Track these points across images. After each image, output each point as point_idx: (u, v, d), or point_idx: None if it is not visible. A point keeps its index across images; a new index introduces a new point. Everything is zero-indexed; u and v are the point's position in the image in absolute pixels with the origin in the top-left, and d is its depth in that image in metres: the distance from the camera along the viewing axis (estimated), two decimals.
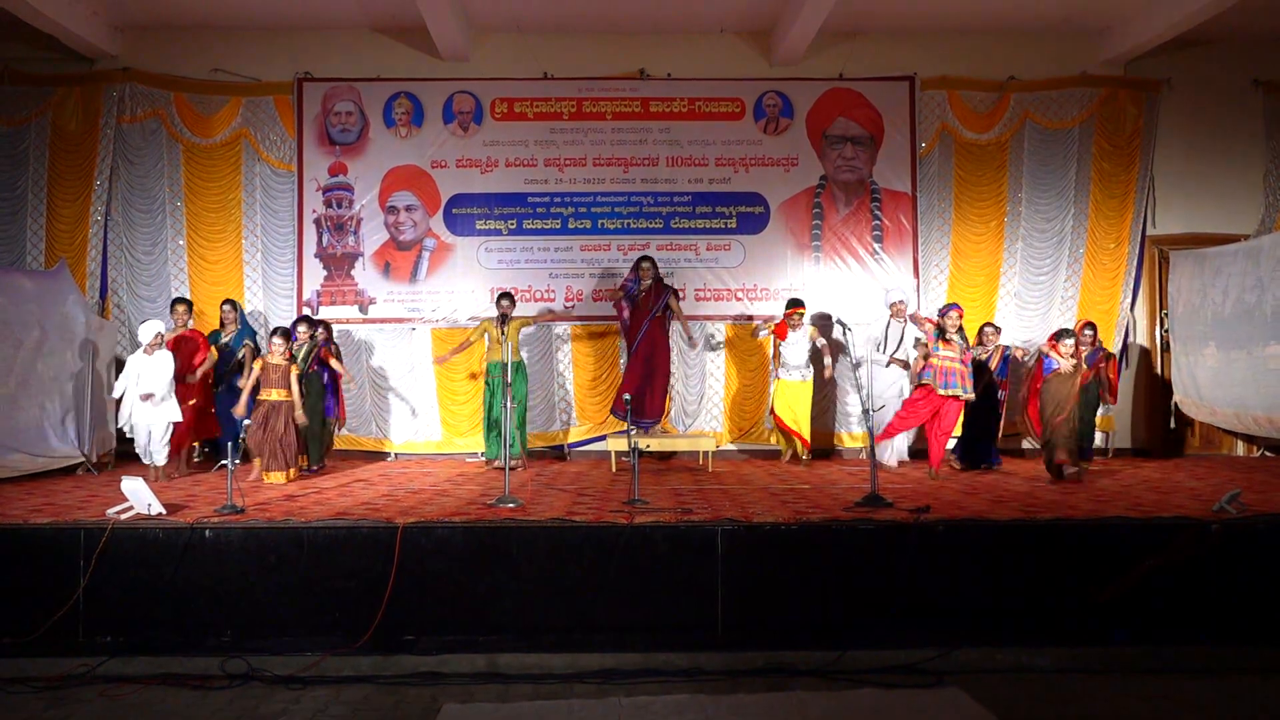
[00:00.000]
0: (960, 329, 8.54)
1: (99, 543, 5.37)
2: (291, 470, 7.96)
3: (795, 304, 9.40)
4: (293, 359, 8.21)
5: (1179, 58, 10.49)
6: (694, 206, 10.55)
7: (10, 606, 5.30)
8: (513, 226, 10.51)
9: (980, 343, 9.04)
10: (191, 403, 8.54)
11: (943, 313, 8.64)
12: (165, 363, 8.02)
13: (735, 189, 10.56)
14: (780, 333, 9.40)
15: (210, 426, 9.09)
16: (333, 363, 8.92)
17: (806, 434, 9.40)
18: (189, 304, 9.13)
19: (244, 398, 8.00)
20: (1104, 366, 8.90)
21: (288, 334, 8.16)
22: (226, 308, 9.29)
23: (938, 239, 10.60)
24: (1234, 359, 9.24)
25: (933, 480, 7.89)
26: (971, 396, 8.18)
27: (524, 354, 9.74)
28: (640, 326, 9.46)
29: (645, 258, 9.59)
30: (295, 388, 7.99)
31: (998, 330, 9.11)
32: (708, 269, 10.48)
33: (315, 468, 8.89)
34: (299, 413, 8.01)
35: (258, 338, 9.34)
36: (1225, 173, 10.66)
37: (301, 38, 10.54)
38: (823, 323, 9.82)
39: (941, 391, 8.08)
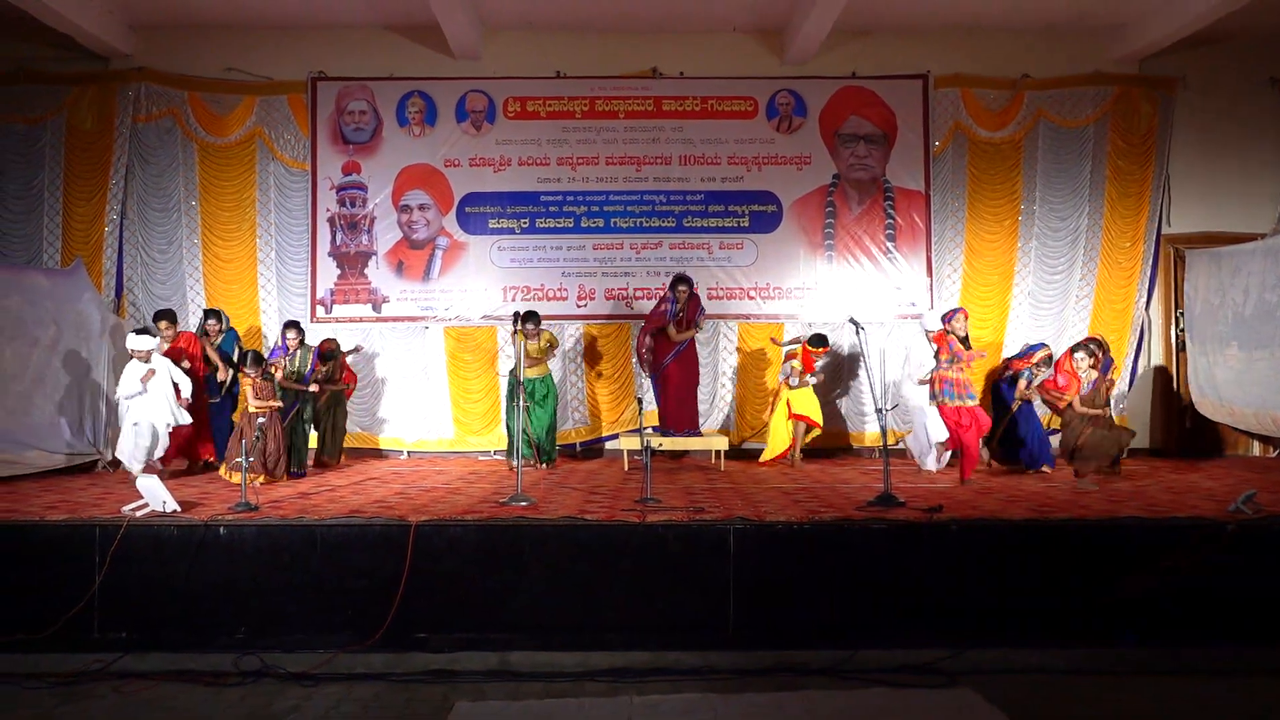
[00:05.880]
0: (965, 337, 8.35)
1: (114, 540, 5.39)
2: (281, 477, 7.84)
3: (822, 343, 9.31)
4: (281, 370, 8.35)
5: (1193, 56, 10.42)
6: (706, 205, 10.54)
7: (26, 603, 5.33)
8: (525, 225, 10.52)
9: (1024, 357, 8.88)
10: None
11: (948, 318, 8.42)
12: (161, 368, 7.90)
13: (748, 188, 10.54)
14: (808, 365, 9.31)
15: (201, 449, 8.83)
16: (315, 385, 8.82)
17: (820, 421, 9.40)
18: (172, 318, 8.79)
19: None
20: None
21: (259, 359, 8.01)
22: (211, 321, 9.06)
23: (951, 238, 10.56)
24: (1257, 359, 9.15)
25: (962, 486, 7.79)
26: (976, 403, 8.07)
27: (552, 368, 9.64)
28: (675, 346, 9.34)
29: (683, 280, 9.35)
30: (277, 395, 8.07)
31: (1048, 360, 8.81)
32: (720, 268, 10.46)
33: (297, 471, 8.47)
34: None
35: (240, 343, 9.29)
36: (1241, 171, 10.59)
37: (315, 37, 10.57)
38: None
39: (953, 404, 8.02)
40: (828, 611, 5.40)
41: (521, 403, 7.55)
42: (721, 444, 9.29)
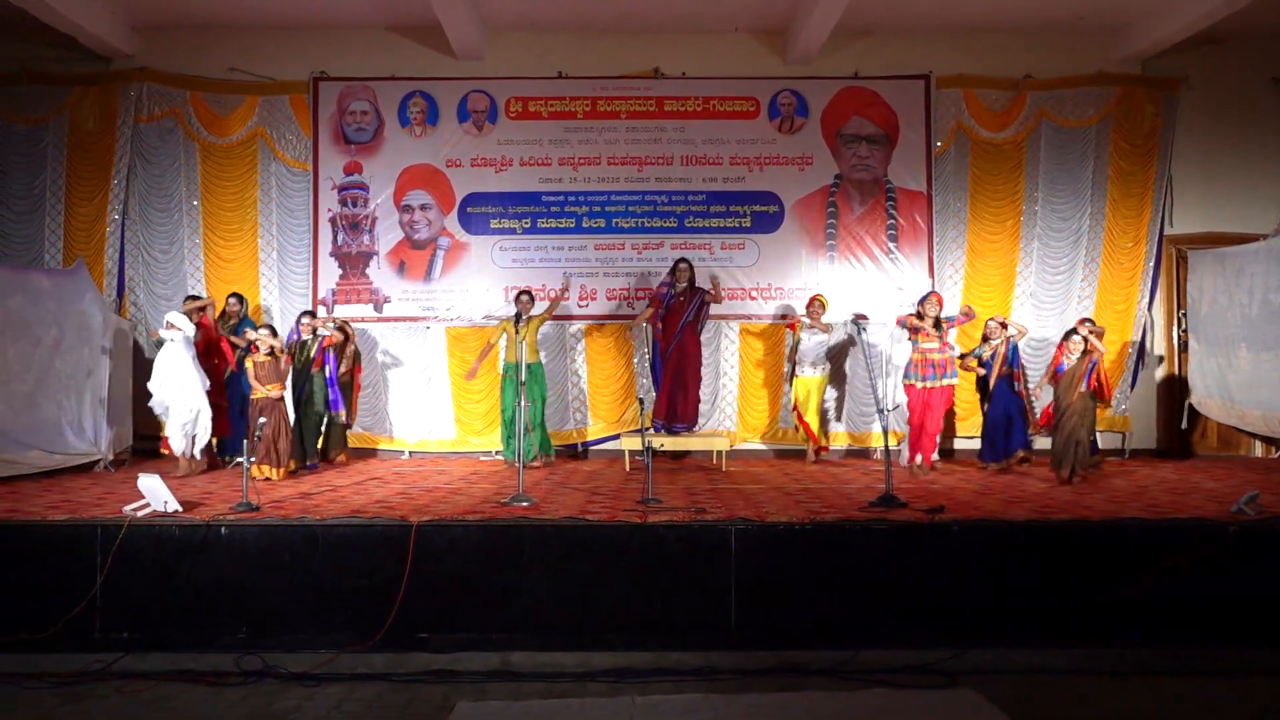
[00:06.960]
0: (938, 319, 8.68)
1: (115, 539, 5.40)
2: (280, 469, 7.96)
3: (816, 295, 9.71)
4: (289, 352, 8.35)
5: (1197, 56, 10.39)
6: (708, 206, 10.53)
7: (27, 602, 5.33)
8: (527, 225, 10.52)
9: (985, 339, 8.98)
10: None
11: (921, 301, 8.86)
12: (178, 350, 8.19)
13: (749, 188, 10.53)
14: (791, 324, 9.51)
15: (221, 426, 9.03)
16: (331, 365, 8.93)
17: (815, 428, 9.47)
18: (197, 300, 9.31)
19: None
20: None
21: (274, 330, 8.29)
22: (233, 300, 9.48)
23: (953, 238, 10.54)
24: (1263, 360, 9.12)
25: (924, 475, 8.05)
26: (954, 382, 8.61)
27: (542, 355, 9.71)
28: (674, 332, 9.43)
29: (682, 259, 9.64)
30: (287, 381, 8.14)
31: (1003, 325, 8.98)
32: (722, 268, 10.43)
33: (311, 464, 8.81)
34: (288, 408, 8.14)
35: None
36: (1243, 171, 10.56)
37: (317, 37, 10.57)
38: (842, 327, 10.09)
39: (920, 385, 8.52)
40: (829, 612, 5.40)
41: (524, 402, 7.54)
42: (723, 444, 9.30)
